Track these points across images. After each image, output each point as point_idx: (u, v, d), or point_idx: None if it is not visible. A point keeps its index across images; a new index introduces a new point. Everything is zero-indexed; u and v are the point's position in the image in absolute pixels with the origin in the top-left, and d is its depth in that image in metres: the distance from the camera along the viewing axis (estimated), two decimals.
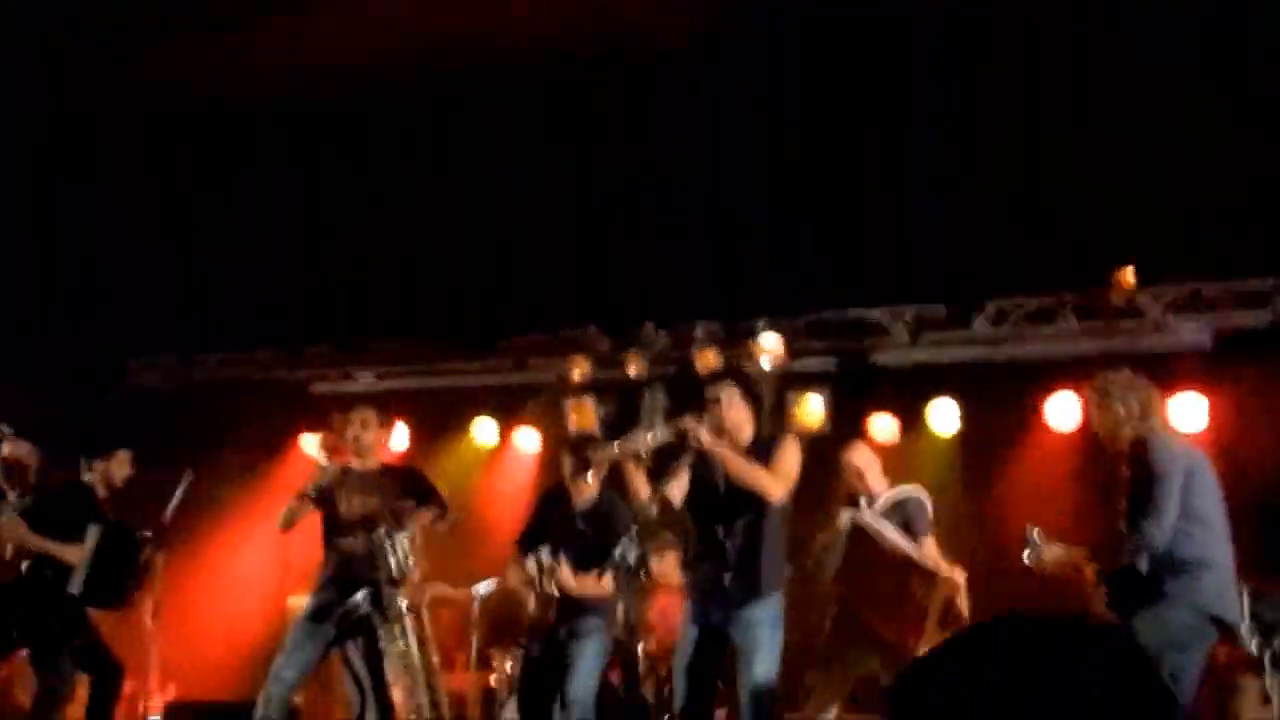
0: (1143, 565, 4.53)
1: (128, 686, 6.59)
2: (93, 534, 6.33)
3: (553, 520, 5.87)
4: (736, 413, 4.93)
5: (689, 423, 4.70)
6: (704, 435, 4.70)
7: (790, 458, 4.89)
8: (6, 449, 7.10)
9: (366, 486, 5.97)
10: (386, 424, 6.25)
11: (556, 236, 8.69)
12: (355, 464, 6.04)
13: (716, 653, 4.81)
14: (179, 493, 6.28)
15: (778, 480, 4.82)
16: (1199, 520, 4.59)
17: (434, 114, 8.66)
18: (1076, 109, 7.29)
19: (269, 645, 6.08)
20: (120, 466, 6.73)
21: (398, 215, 8.95)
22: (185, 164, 9.03)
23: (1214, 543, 4.64)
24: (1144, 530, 4.48)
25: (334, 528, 5.92)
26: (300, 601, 6.02)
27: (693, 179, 8.20)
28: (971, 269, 7.69)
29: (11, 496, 7.05)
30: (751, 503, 4.80)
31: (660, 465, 4.84)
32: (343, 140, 8.78)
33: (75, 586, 6.22)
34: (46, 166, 9.30)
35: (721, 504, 4.88)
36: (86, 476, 6.71)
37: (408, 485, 5.99)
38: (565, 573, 5.60)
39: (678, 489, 4.86)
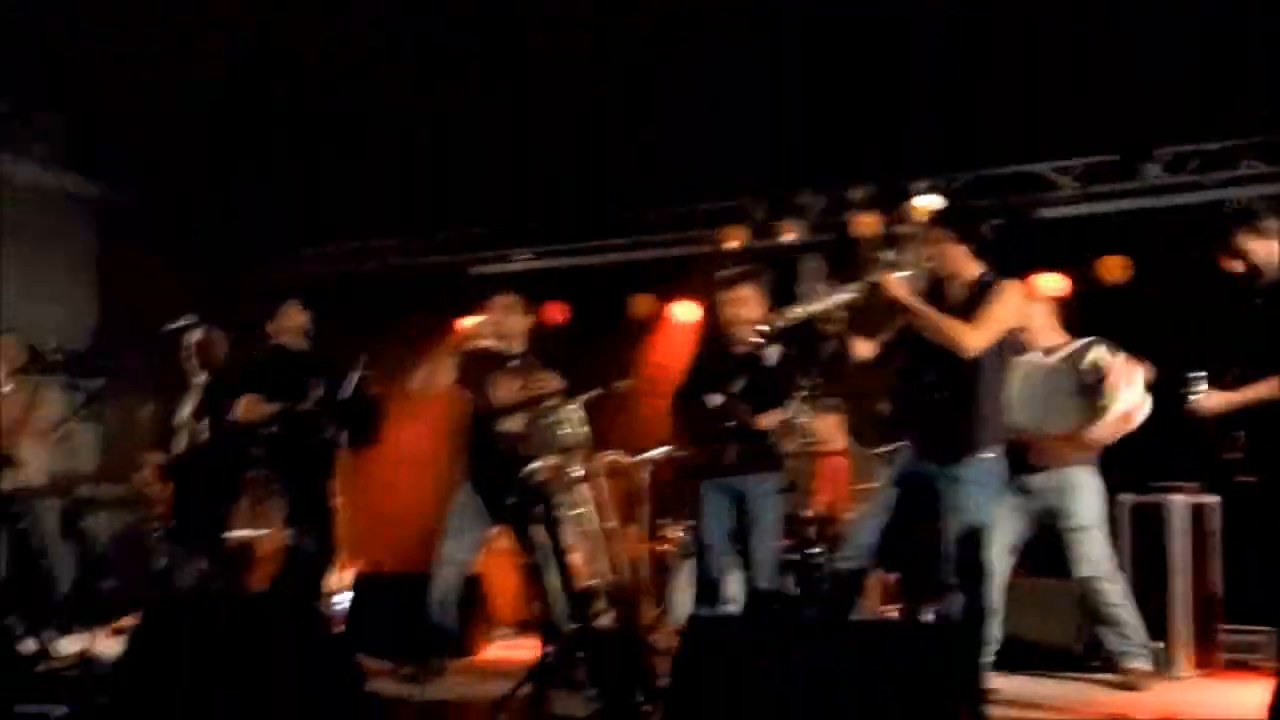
0: None
1: None
2: (318, 385, 6.54)
3: (715, 372, 5.84)
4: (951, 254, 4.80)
5: (884, 276, 4.61)
6: (894, 286, 4.60)
7: (1000, 305, 4.69)
8: (199, 335, 7.40)
9: (518, 370, 6.07)
10: (531, 309, 6.29)
11: (707, 106, 8.58)
12: (503, 348, 6.13)
13: (912, 513, 4.76)
14: (353, 375, 6.42)
15: (974, 330, 4.63)
16: None
17: None
18: None
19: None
20: (296, 316, 6.92)
21: (547, 94, 8.93)
22: (348, 51, 9.12)
23: None
24: None
25: (485, 413, 6.06)
26: None
27: (844, 35, 7.98)
28: (1143, 115, 7.36)
29: (201, 378, 7.39)
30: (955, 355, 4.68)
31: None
32: (496, 27, 8.73)
33: (329, 432, 6.40)
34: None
35: (928, 358, 4.76)
36: (274, 340, 6.93)
37: (555, 367, 6.05)
38: (745, 408, 5.56)
39: (865, 345, 4.79)
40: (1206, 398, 4.55)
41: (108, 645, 6.51)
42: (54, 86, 10.02)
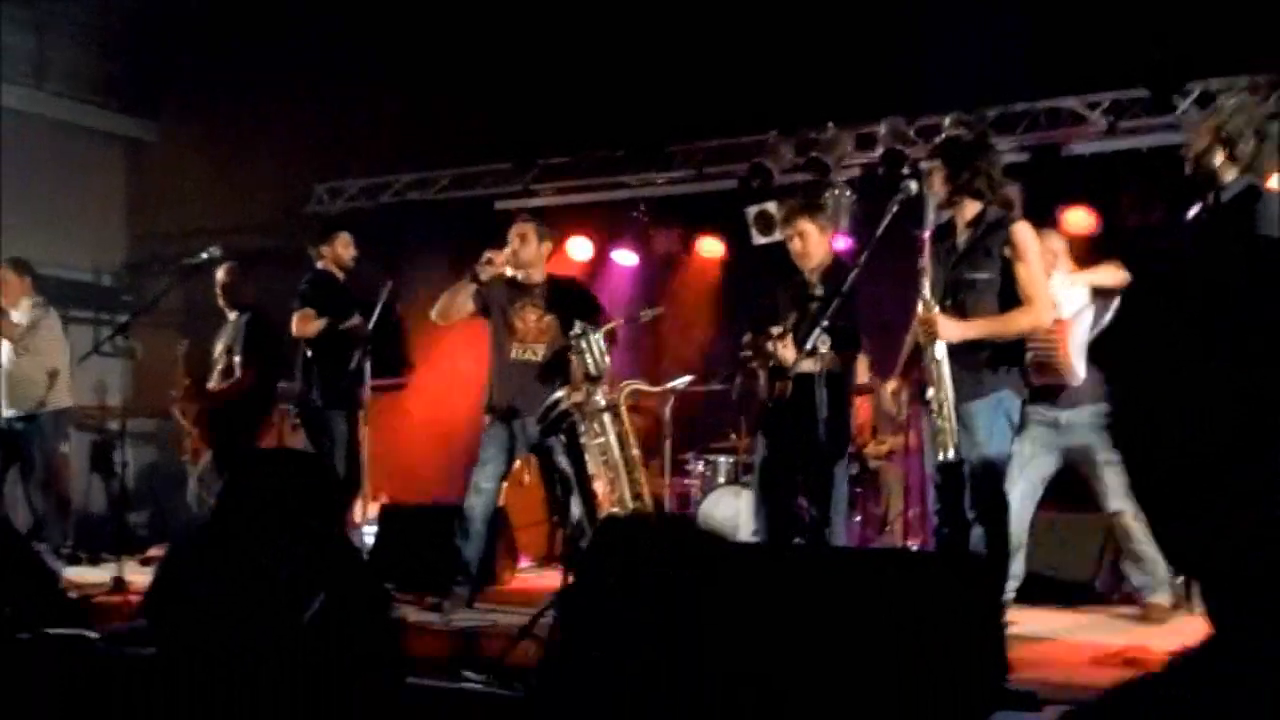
0: None
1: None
2: (356, 315, 6.60)
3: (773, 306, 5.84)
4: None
5: (938, 327, 4.64)
6: (949, 332, 4.62)
7: (1031, 262, 4.71)
8: (223, 274, 7.47)
9: (537, 299, 6.10)
10: (548, 237, 6.26)
11: (731, 41, 8.51)
12: (521, 277, 6.13)
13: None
14: (380, 303, 6.47)
15: (1033, 309, 4.68)
16: None
17: None
18: None
19: (471, 448, 6.31)
20: (345, 247, 7.03)
21: (568, 28, 8.88)
22: None
23: None
24: None
25: (506, 341, 6.08)
26: None
27: None
28: (1174, 50, 7.26)
29: (233, 315, 7.46)
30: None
31: None
32: None
33: (355, 361, 6.47)
34: None
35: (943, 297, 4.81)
36: (320, 265, 7.01)
37: (575, 298, 6.06)
38: (785, 346, 5.56)
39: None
40: None
41: (137, 575, 6.62)
42: (82, 21, 10.04)
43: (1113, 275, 5.63)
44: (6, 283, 7.61)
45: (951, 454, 4.54)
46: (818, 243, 5.75)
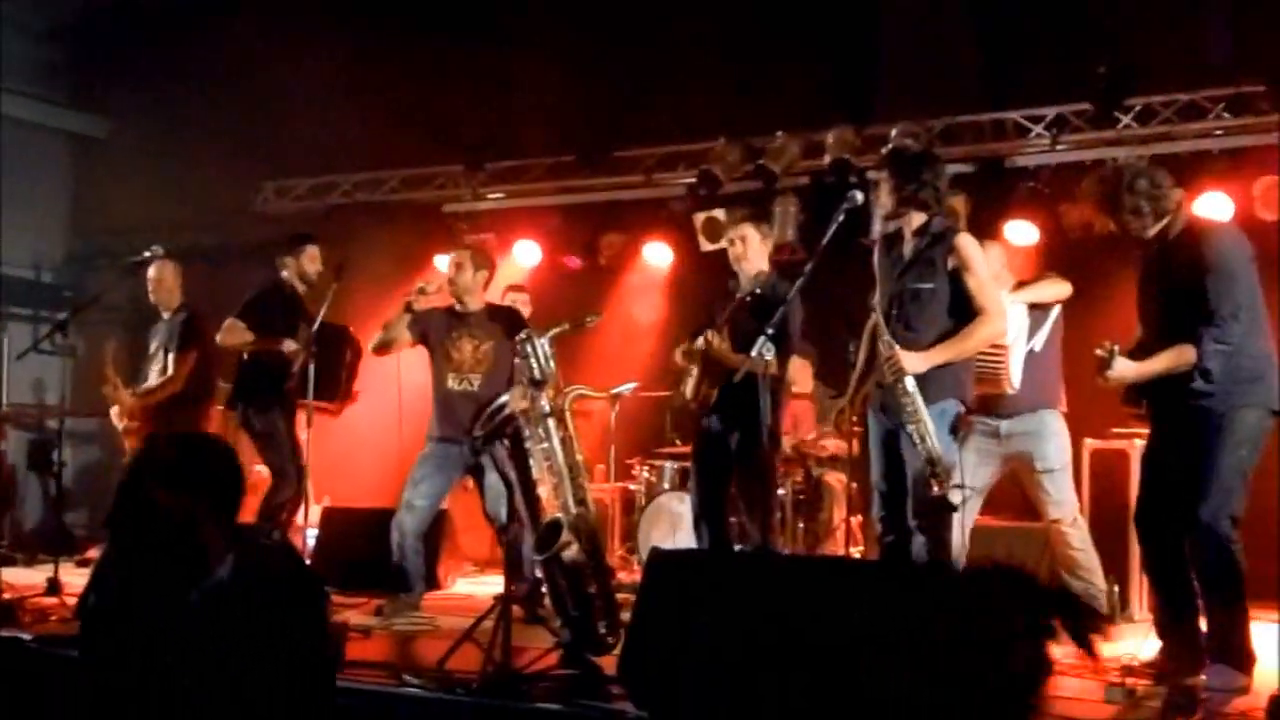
0: (1215, 365, 4.44)
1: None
2: (304, 331, 6.57)
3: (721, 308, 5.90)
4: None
5: (899, 363, 4.70)
6: (910, 365, 4.68)
7: (978, 271, 4.81)
8: (155, 270, 7.37)
9: (473, 329, 6.15)
10: (484, 265, 6.30)
11: (680, 47, 8.55)
12: (458, 307, 6.18)
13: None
14: (325, 304, 6.43)
15: (988, 318, 4.79)
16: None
17: None
18: None
19: (411, 453, 6.31)
20: (311, 261, 6.99)
21: (521, 34, 8.88)
22: None
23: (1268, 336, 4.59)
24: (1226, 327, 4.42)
25: (444, 370, 6.14)
26: None
27: None
28: (1117, 64, 7.37)
29: (165, 316, 7.36)
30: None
31: None
32: None
33: (292, 381, 6.48)
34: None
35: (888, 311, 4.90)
36: (284, 274, 6.96)
37: (514, 326, 6.03)
38: (721, 344, 5.63)
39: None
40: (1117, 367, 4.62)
41: (74, 576, 6.53)
42: (30, 16, 9.91)
43: (1053, 290, 5.71)
44: None
45: (954, 493, 4.60)
46: (758, 250, 5.82)
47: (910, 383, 4.66)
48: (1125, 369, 4.58)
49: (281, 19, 8.93)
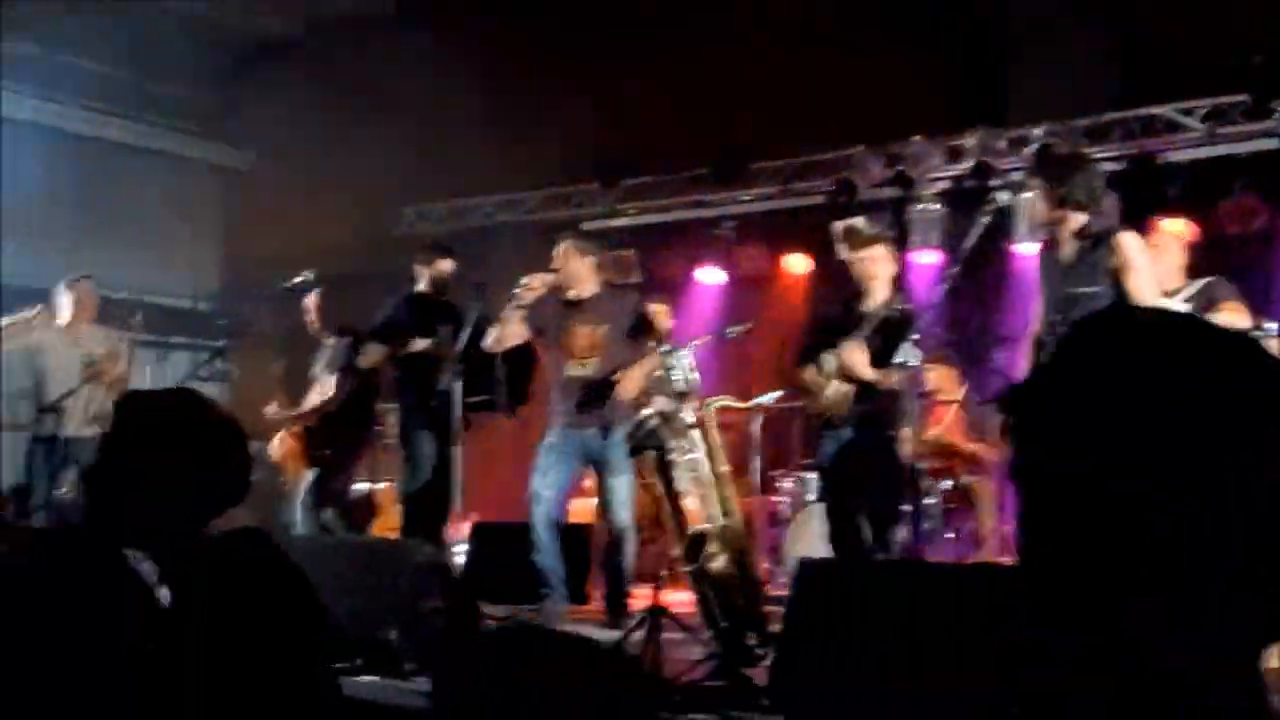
0: None
1: None
2: (445, 331, 6.62)
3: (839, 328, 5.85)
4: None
5: None
6: None
7: (1139, 268, 4.64)
8: (314, 297, 7.57)
9: (586, 313, 6.17)
10: (590, 251, 6.33)
11: (816, 55, 8.49)
12: (570, 294, 6.20)
13: None
14: (469, 326, 6.50)
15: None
16: None
17: None
18: None
19: None
20: (444, 267, 7.05)
21: (651, 49, 8.93)
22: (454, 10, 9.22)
23: None
24: None
25: (560, 358, 6.18)
26: None
27: None
28: (1274, 54, 7.10)
29: (327, 340, 7.55)
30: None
31: None
32: None
33: (443, 383, 6.41)
34: None
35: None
36: (419, 285, 7.06)
37: (629, 305, 6.16)
38: (861, 361, 5.57)
39: None
40: None
41: None
42: (178, 52, 10.29)
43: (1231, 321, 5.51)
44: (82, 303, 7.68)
45: None
46: (888, 269, 5.80)
47: None
48: None
49: (415, 45, 9.13)
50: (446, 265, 7.09)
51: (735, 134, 8.93)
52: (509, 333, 6.26)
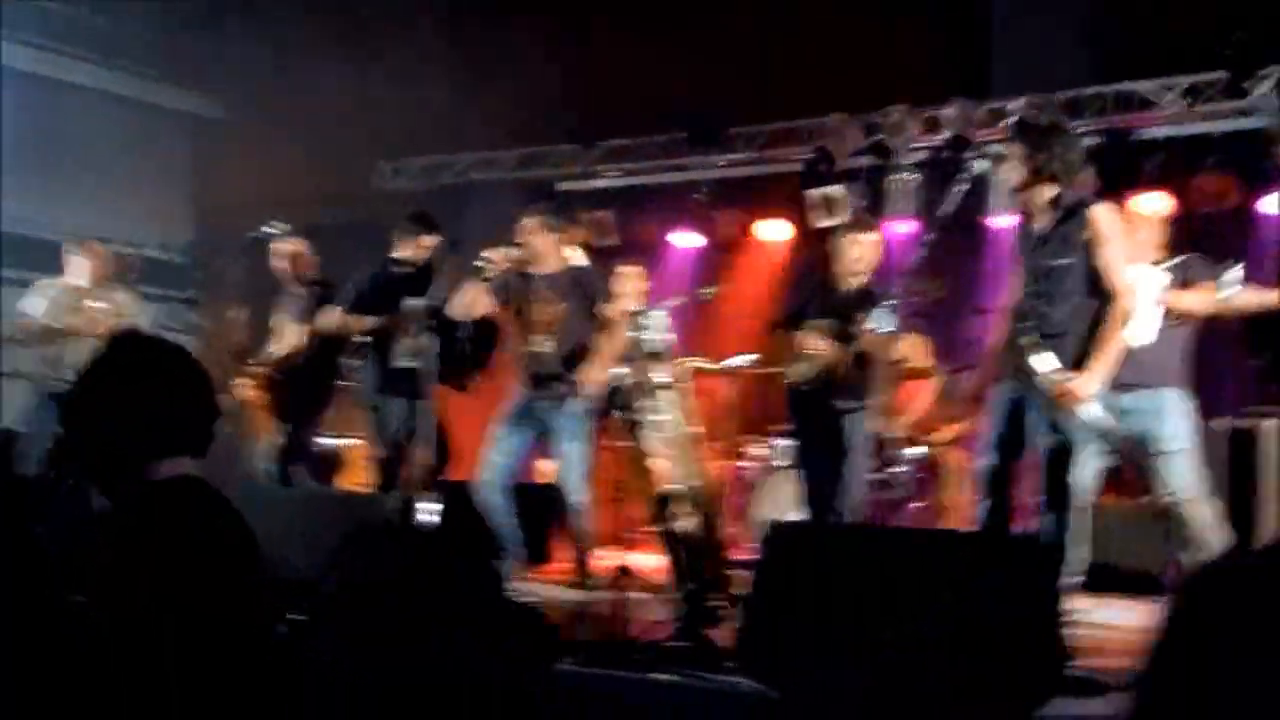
0: None
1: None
2: (413, 308, 6.55)
3: (814, 301, 5.88)
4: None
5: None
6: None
7: (1111, 242, 4.65)
8: (290, 246, 7.49)
9: (547, 290, 6.16)
10: (555, 227, 6.32)
11: (795, 21, 8.45)
12: (532, 269, 6.20)
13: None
14: (436, 281, 6.46)
15: (1120, 294, 4.65)
16: None
17: None
18: None
19: None
20: (419, 248, 6.98)
21: (630, 10, 8.86)
22: None
23: None
24: None
25: (520, 331, 6.20)
26: None
27: None
28: (1251, 32, 7.11)
29: (296, 290, 7.47)
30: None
31: None
32: None
33: (410, 347, 6.44)
34: None
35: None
36: (394, 254, 6.99)
37: (588, 286, 6.13)
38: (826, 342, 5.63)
39: None
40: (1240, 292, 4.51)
41: None
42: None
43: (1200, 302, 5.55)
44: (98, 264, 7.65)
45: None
46: (871, 250, 5.90)
47: (1092, 410, 4.56)
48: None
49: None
50: (429, 241, 7.01)
51: (714, 98, 8.88)
52: (472, 302, 6.26)
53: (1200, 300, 5.51)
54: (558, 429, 6.03)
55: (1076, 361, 4.63)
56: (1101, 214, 4.68)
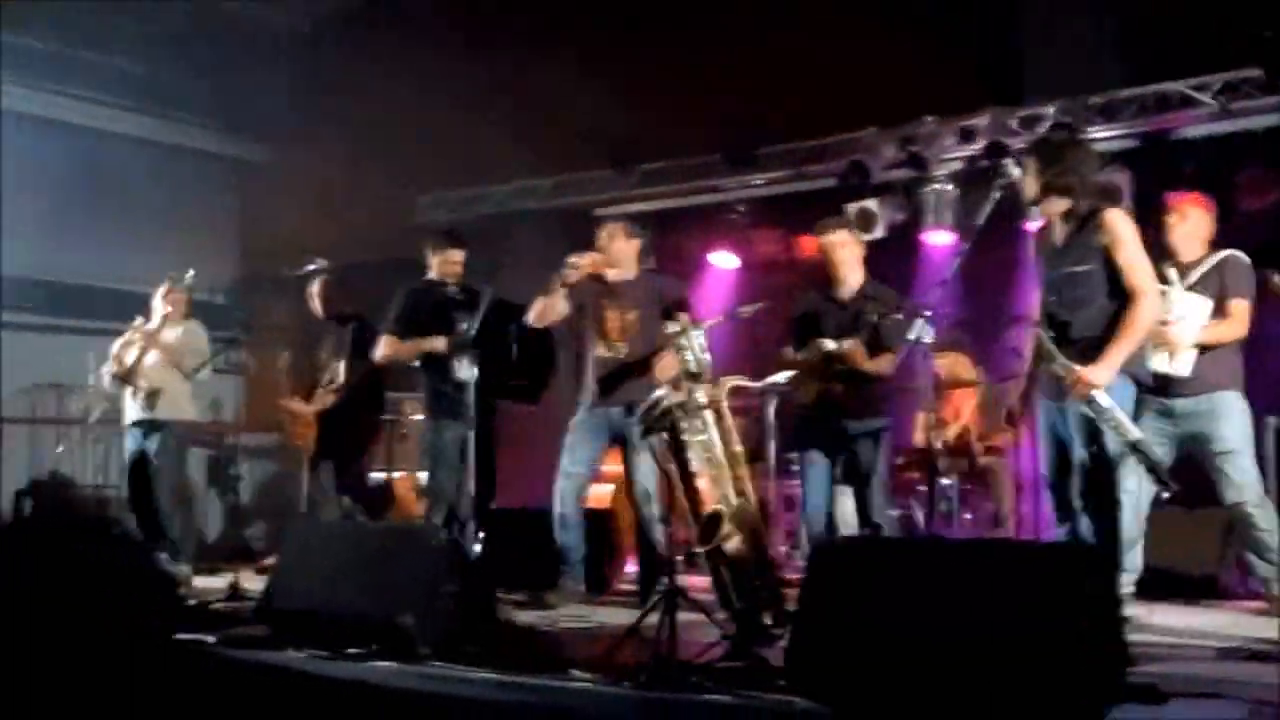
0: None
1: None
2: (464, 322, 6.51)
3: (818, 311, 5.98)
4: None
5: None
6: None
7: (1130, 246, 4.69)
8: (318, 282, 7.56)
9: (622, 297, 6.19)
10: (637, 234, 6.37)
11: (825, 36, 8.45)
12: (611, 275, 6.21)
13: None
14: (481, 307, 6.45)
15: (1142, 295, 4.67)
16: None
17: None
18: None
19: None
20: (450, 263, 7.01)
21: (663, 33, 8.91)
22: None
23: None
24: None
25: (593, 339, 6.22)
26: None
27: None
28: None
29: (333, 326, 7.54)
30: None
31: None
32: None
33: (461, 372, 6.26)
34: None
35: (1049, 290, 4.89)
36: (432, 274, 7.02)
37: (663, 295, 6.14)
38: (859, 352, 5.65)
39: None
40: None
41: (253, 582, 6.72)
42: (191, 46, 10.29)
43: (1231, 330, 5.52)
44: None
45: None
46: (858, 256, 6.03)
47: (1104, 399, 4.54)
48: None
49: (426, 32, 9.13)
50: (456, 254, 7.04)
51: (747, 118, 8.89)
52: (551, 308, 6.24)
53: (1233, 330, 5.52)
54: (629, 437, 6.02)
55: None
56: (1115, 217, 4.74)
